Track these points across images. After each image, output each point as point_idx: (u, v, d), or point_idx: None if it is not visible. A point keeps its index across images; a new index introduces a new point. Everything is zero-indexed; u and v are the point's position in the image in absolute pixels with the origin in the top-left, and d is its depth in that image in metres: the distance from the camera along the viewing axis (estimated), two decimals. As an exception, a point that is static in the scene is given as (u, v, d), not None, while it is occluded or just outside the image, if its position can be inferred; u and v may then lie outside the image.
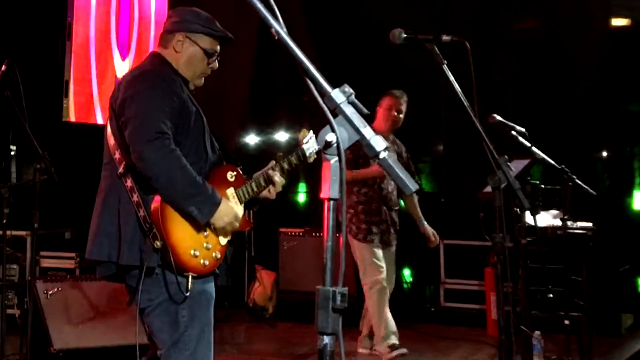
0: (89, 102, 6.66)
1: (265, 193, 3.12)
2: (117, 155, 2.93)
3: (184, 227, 2.87)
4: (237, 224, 2.95)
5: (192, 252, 2.86)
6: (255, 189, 3.08)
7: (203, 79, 3.15)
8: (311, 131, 3.17)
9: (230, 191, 3.03)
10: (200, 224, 2.89)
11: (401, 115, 5.43)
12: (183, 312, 2.90)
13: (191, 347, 2.91)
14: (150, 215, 2.83)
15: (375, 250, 5.33)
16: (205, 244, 2.91)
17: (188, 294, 2.85)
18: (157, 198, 2.83)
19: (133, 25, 7.35)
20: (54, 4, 6.66)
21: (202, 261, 2.89)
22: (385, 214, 5.40)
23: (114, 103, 2.95)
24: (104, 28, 6.89)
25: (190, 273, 2.85)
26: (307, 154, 3.11)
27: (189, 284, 2.84)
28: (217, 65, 3.14)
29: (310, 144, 3.12)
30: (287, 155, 3.14)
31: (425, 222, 5.58)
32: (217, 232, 2.94)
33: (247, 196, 3.06)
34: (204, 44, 3.06)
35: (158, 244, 2.79)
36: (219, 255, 2.97)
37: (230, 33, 3.13)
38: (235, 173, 3.09)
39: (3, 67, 4.51)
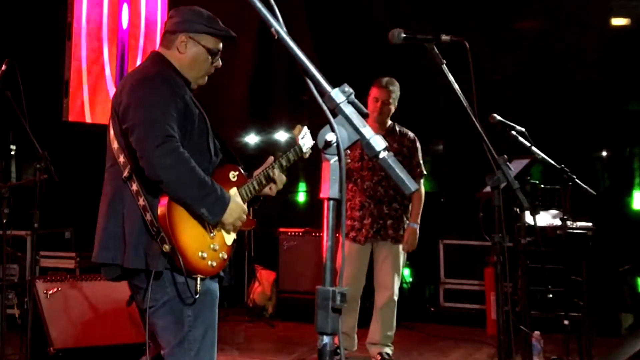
0: (80, 100, 6.68)
1: (266, 190, 3.18)
2: (121, 159, 2.92)
3: (192, 229, 2.87)
4: (245, 220, 2.98)
5: (200, 254, 2.87)
6: (256, 187, 3.12)
7: (206, 77, 3.15)
8: (305, 127, 3.26)
9: (233, 191, 3.05)
10: (207, 226, 2.90)
11: (389, 106, 5.24)
12: (188, 312, 2.90)
13: (195, 347, 2.91)
14: (158, 219, 2.82)
15: (348, 247, 5.24)
16: (212, 246, 2.92)
17: (197, 295, 2.85)
18: (164, 202, 2.83)
19: (140, 29, 7.37)
20: (54, 4, 6.67)
21: (209, 262, 2.90)
22: (370, 208, 5.27)
23: (117, 107, 2.93)
24: (95, 27, 6.89)
25: (199, 275, 2.86)
26: (304, 149, 3.26)
27: (197, 285, 2.85)
28: (221, 63, 3.14)
29: (306, 140, 3.26)
30: (285, 153, 3.23)
31: (414, 225, 5.32)
32: (225, 230, 2.95)
33: (249, 195, 3.09)
34: (207, 43, 3.05)
35: (167, 247, 2.79)
36: (225, 256, 2.98)
37: (234, 35, 3.13)
38: (237, 173, 3.11)
39: (3, 67, 4.51)
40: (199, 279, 2.86)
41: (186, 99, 2.96)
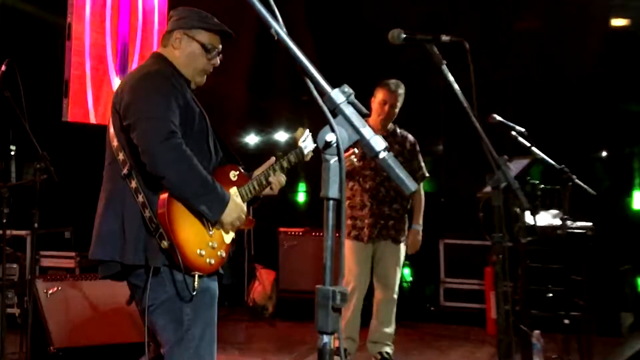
0: (83, 100, 6.66)
1: (267, 190, 3.20)
2: (120, 157, 2.93)
3: (190, 226, 2.88)
4: (244, 220, 2.99)
5: (198, 251, 2.88)
6: (257, 187, 3.14)
7: (205, 76, 3.16)
8: (307, 129, 3.27)
9: (234, 190, 3.06)
10: (206, 223, 2.91)
11: (396, 110, 5.23)
12: (187, 310, 2.91)
13: (194, 345, 2.92)
14: (157, 216, 2.83)
15: (352, 246, 5.24)
16: (210, 243, 2.93)
17: (195, 293, 2.86)
18: (163, 198, 2.84)
19: (137, 30, 7.35)
20: (54, 4, 6.67)
21: (208, 260, 2.91)
22: (372, 208, 5.24)
23: (118, 104, 2.95)
24: (99, 27, 6.88)
25: (197, 272, 2.87)
26: (305, 152, 3.29)
27: (195, 283, 2.86)
28: (219, 61, 3.15)
29: (307, 142, 3.29)
30: (286, 154, 3.26)
31: (417, 227, 5.35)
32: (224, 229, 2.96)
33: (249, 195, 3.11)
34: (202, 38, 3.08)
35: (165, 244, 2.80)
36: (224, 254, 2.99)
37: (229, 30, 3.15)
38: (237, 172, 3.13)
39: (3, 67, 4.52)
40: (197, 276, 2.86)
41: (187, 97, 2.98)
